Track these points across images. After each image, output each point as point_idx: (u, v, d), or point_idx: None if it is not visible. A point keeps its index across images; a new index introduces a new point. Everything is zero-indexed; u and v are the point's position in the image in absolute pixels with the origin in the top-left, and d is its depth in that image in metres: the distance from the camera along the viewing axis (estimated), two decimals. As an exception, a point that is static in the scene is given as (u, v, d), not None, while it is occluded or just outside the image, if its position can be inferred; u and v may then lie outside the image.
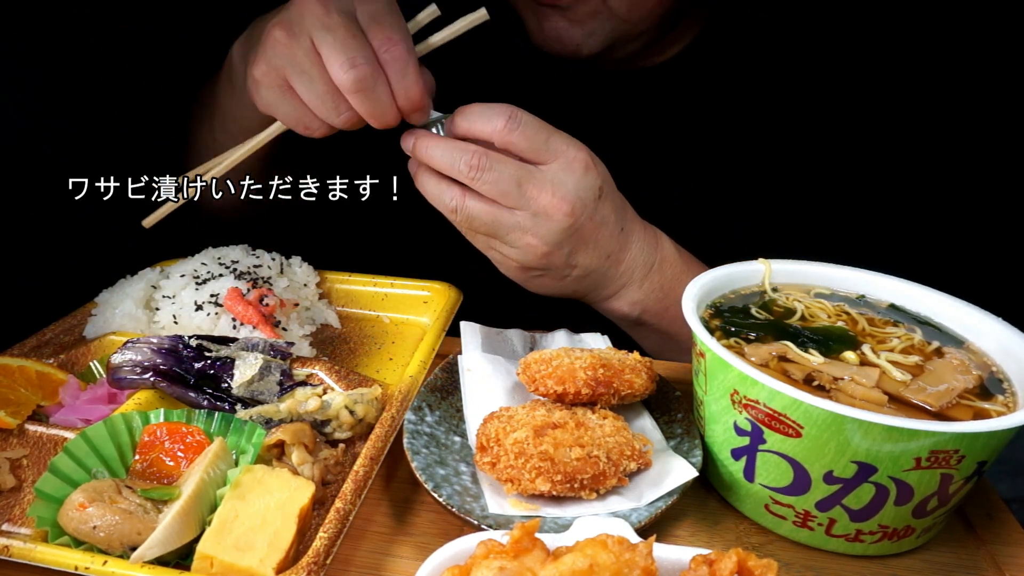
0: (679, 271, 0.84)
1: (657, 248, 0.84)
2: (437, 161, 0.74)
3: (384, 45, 0.69)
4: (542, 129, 0.74)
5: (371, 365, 0.83)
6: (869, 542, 0.57)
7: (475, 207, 0.74)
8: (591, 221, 0.76)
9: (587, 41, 0.93)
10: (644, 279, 0.83)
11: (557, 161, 0.74)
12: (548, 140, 0.74)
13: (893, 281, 0.72)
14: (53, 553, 0.50)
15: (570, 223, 0.75)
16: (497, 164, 0.73)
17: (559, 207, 0.74)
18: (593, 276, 0.81)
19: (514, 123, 0.73)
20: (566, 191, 0.74)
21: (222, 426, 0.63)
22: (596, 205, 0.76)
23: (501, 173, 0.72)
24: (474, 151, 0.72)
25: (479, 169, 0.72)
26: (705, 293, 0.69)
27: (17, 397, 0.68)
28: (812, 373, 0.60)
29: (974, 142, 1.08)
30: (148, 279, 0.87)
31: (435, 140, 0.74)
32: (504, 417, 0.62)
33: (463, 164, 0.72)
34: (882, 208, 1.02)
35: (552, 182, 0.74)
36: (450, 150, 0.73)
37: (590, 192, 0.75)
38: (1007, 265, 1.13)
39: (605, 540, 0.42)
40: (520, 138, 0.73)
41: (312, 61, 0.70)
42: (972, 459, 0.53)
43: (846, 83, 1.00)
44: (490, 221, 0.75)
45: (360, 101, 0.70)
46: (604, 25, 0.92)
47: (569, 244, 0.76)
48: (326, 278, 0.95)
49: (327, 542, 0.51)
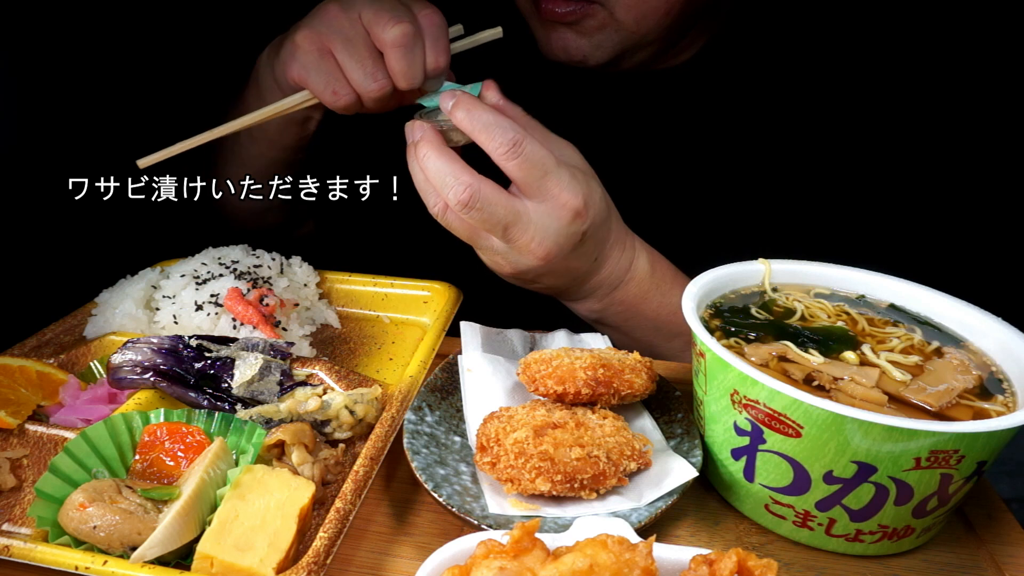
0: (645, 289, 0.85)
1: (629, 269, 0.84)
2: (430, 172, 0.73)
3: (424, 12, 0.77)
4: (540, 165, 0.72)
5: (371, 365, 0.83)
6: (869, 542, 0.57)
7: (455, 223, 0.75)
8: (563, 262, 0.77)
9: (594, 53, 0.93)
10: (606, 295, 0.85)
11: (546, 203, 0.73)
12: (543, 179, 0.73)
13: (893, 281, 0.72)
14: (53, 553, 0.50)
15: (541, 264, 0.76)
16: (487, 206, 0.72)
17: (535, 252, 0.74)
18: (557, 288, 0.84)
19: (515, 152, 0.72)
20: (545, 236, 0.74)
21: (222, 426, 0.63)
22: (573, 249, 0.77)
23: (489, 216, 0.72)
24: (466, 185, 0.71)
25: (468, 207, 0.71)
26: (705, 293, 0.69)
27: (17, 397, 0.68)
28: (812, 373, 0.60)
29: (974, 142, 1.08)
30: (148, 279, 0.87)
31: (434, 152, 0.73)
32: (504, 417, 0.62)
33: (452, 195, 0.71)
34: (882, 208, 1.02)
35: (535, 225, 0.74)
36: (444, 172, 0.72)
37: (570, 240, 0.75)
38: (1007, 265, 1.13)
39: (605, 540, 0.42)
40: (516, 169, 0.72)
41: (357, 29, 0.77)
42: (972, 459, 0.53)
43: (849, 84, 1.00)
44: (468, 237, 0.76)
45: (399, 56, 0.75)
46: (611, 37, 0.91)
47: (536, 273, 0.78)
48: (326, 278, 0.95)
49: (327, 542, 0.51)
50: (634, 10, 0.88)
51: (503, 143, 0.71)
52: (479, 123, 0.72)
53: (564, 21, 0.90)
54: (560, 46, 0.93)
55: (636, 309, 0.86)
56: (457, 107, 0.73)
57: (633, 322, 0.87)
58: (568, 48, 0.93)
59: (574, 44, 0.92)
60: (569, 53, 0.93)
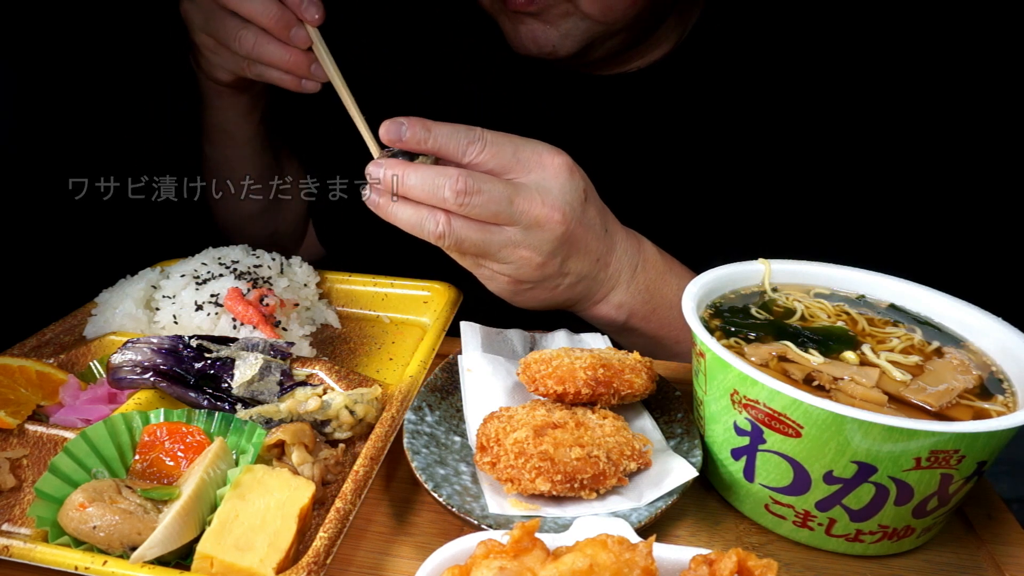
0: (662, 271, 0.85)
1: (639, 250, 0.84)
2: (416, 191, 0.70)
3: None
4: (508, 143, 0.72)
5: (371, 365, 0.83)
6: (869, 542, 0.57)
7: (463, 230, 0.71)
8: (580, 225, 0.76)
9: (563, 43, 0.92)
10: (630, 281, 0.83)
11: (535, 171, 0.73)
12: (516, 153, 0.72)
13: (893, 281, 0.72)
14: (53, 553, 0.50)
15: (563, 230, 0.74)
16: (485, 184, 0.70)
17: (551, 216, 0.72)
18: (584, 282, 0.80)
19: (480, 143, 0.71)
20: (554, 199, 0.73)
21: (222, 426, 0.63)
22: (583, 208, 0.76)
23: (491, 194, 0.70)
24: (458, 175, 0.69)
25: (467, 193, 0.69)
26: (705, 293, 0.69)
27: (17, 397, 0.68)
28: (812, 373, 0.60)
29: (974, 142, 1.08)
30: (148, 279, 0.87)
31: (410, 168, 0.70)
32: (504, 417, 0.62)
33: (448, 191, 0.68)
34: (882, 208, 1.02)
35: (538, 190, 0.72)
36: (431, 177, 0.69)
37: (576, 195, 0.74)
38: (1007, 265, 1.13)
39: (605, 540, 0.42)
40: (488, 156, 0.71)
41: None
42: (972, 459, 0.53)
43: (842, 81, 1.00)
44: (480, 241, 0.72)
45: None
46: (578, 26, 0.90)
47: (562, 252, 0.76)
48: (326, 278, 0.95)
49: (327, 542, 0.51)
50: (599, 1, 0.87)
51: (464, 138, 0.71)
52: (440, 138, 0.71)
53: (527, 11, 0.90)
54: (529, 38, 0.93)
55: (660, 293, 0.84)
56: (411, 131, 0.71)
57: (660, 311, 0.85)
58: (537, 39, 0.92)
59: (542, 35, 0.92)
60: (539, 44, 0.93)
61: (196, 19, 0.85)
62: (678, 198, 1.02)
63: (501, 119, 1.05)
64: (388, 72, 1.10)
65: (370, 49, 1.12)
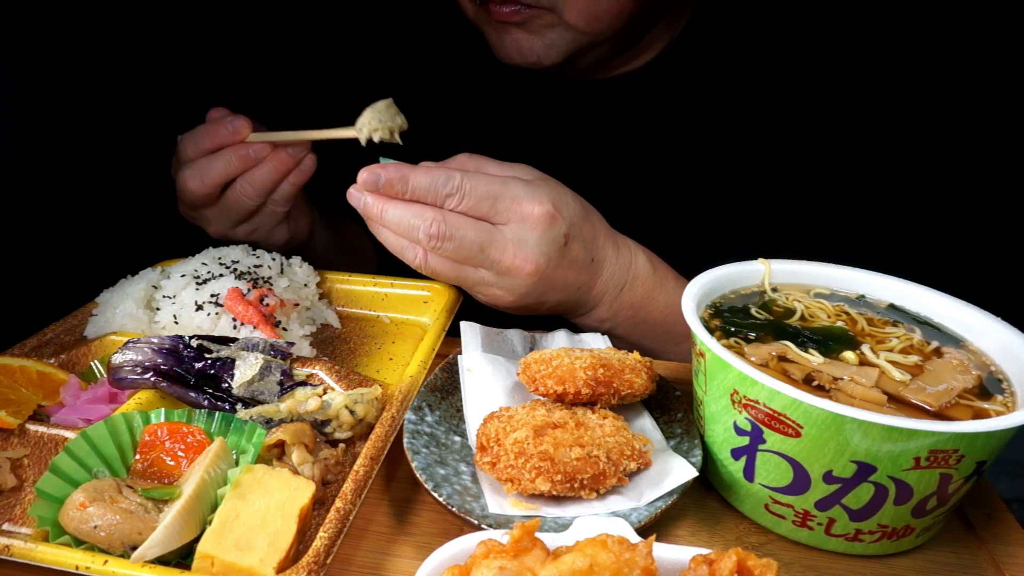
0: (650, 288, 0.85)
1: (630, 268, 0.84)
2: (393, 226, 0.73)
3: None
4: (487, 193, 0.72)
5: (371, 365, 0.83)
6: (868, 541, 0.57)
7: (438, 266, 0.74)
8: (559, 268, 0.76)
9: (548, 53, 0.92)
10: (614, 300, 0.84)
11: (512, 223, 0.73)
12: (495, 204, 0.73)
13: (893, 281, 0.72)
14: (54, 553, 0.50)
15: (535, 280, 0.75)
16: (457, 231, 0.72)
17: (523, 267, 0.74)
18: (565, 304, 0.82)
19: (458, 195, 0.72)
20: (528, 250, 0.74)
21: (222, 426, 0.63)
22: (562, 253, 0.76)
23: (461, 241, 0.72)
24: (432, 219, 0.71)
25: (439, 239, 0.71)
26: (705, 293, 0.69)
27: (18, 397, 0.68)
28: (812, 373, 0.60)
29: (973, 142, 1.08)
30: (148, 279, 0.87)
31: (390, 204, 0.72)
32: (504, 417, 0.62)
33: (422, 233, 0.71)
34: (881, 208, 1.02)
35: (513, 242, 0.73)
36: (407, 216, 0.72)
37: (554, 245, 0.75)
38: (1007, 265, 1.13)
39: (605, 540, 0.42)
40: (467, 207, 0.72)
41: None
42: (971, 459, 0.53)
43: (838, 78, 0.99)
44: (454, 278, 0.76)
45: None
46: (564, 36, 0.90)
47: (535, 293, 0.77)
48: (326, 278, 0.95)
49: (327, 542, 0.51)
50: (584, 13, 0.87)
51: (444, 189, 0.71)
52: (418, 189, 0.72)
53: (512, 21, 0.89)
54: (513, 47, 0.92)
55: (644, 312, 0.85)
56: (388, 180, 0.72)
57: (642, 328, 0.86)
58: (521, 49, 0.92)
59: (527, 45, 0.91)
60: (523, 54, 0.92)
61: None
62: (672, 200, 1.02)
63: (500, 119, 1.05)
64: (388, 72, 1.10)
65: (370, 49, 1.12)
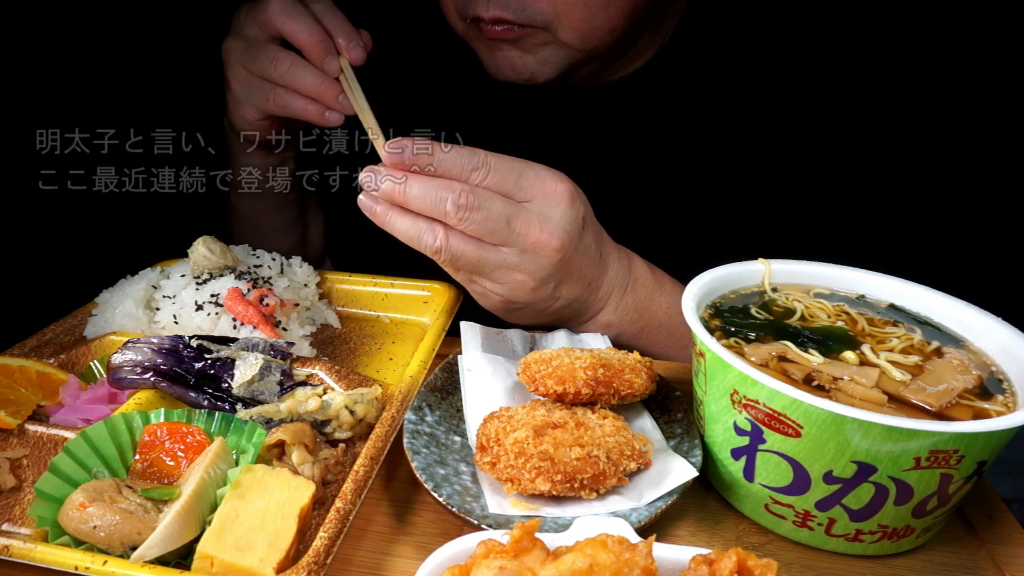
0: (651, 290, 0.85)
1: (630, 270, 0.84)
2: (416, 202, 0.70)
3: None
4: (512, 169, 0.72)
5: (371, 365, 0.83)
6: (869, 542, 0.57)
7: (460, 246, 0.71)
8: (577, 252, 0.76)
9: (541, 69, 0.91)
10: (619, 302, 0.83)
11: (537, 198, 0.73)
12: (519, 179, 0.72)
13: (893, 281, 0.72)
14: (53, 553, 0.50)
15: (559, 258, 0.74)
16: (485, 201, 0.70)
17: (548, 242, 0.73)
18: (574, 304, 0.81)
19: (484, 169, 0.70)
20: (553, 226, 0.73)
21: (222, 426, 0.63)
22: (581, 235, 0.76)
23: (490, 211, 0.70)
24: (461, 188, 0.69)
25: (468, 209, 0.69)
26: (705, 293, 0.69)
27: (17, 397, 0.68)
28: (812, 373, 0.60)
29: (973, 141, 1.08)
30: (148, 279, 0.87)
31: (413, 178, 0.70)
32: (504, 417, 0.62)
33: (450, 204, 0.68)
34: (881, 208, 1.02)
35: (537, 216, 0.72)
36: (433, 188, 0.69)
37: (575, 223, 0.74)
38: (1007, 265, 1.13)
39: (605, 540, 0.42)
40: (492, 182, 0.71)
41: None
42: (972, 459, 0.53)
43: (837, 78, 0.99)
44: (476, 260, 0.72)
45: None
46: (557, 53, 0.89)
47: (555, 278, 0.76)
48: (326, 278, 0.95)
49: (327, 542, 0.51)
50: (578, 31, 0.86)
51: (469, 163, 0.70)
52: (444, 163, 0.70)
53: (504, 38, 0.88)
54: (506, 65, 0.91)
55: (649, 314, 0.85)
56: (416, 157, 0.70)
57: (648, 330, 0.86)
58: (515, 66, 0.91)
59: (520, 62, 0.91)
60: (516, 71, 0.92)
61: (236, 51, 0.86)
62: (672, 201, 1.02)
63: (500, 119, 1.05)
64: (387, 73, 1.10)
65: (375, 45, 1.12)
